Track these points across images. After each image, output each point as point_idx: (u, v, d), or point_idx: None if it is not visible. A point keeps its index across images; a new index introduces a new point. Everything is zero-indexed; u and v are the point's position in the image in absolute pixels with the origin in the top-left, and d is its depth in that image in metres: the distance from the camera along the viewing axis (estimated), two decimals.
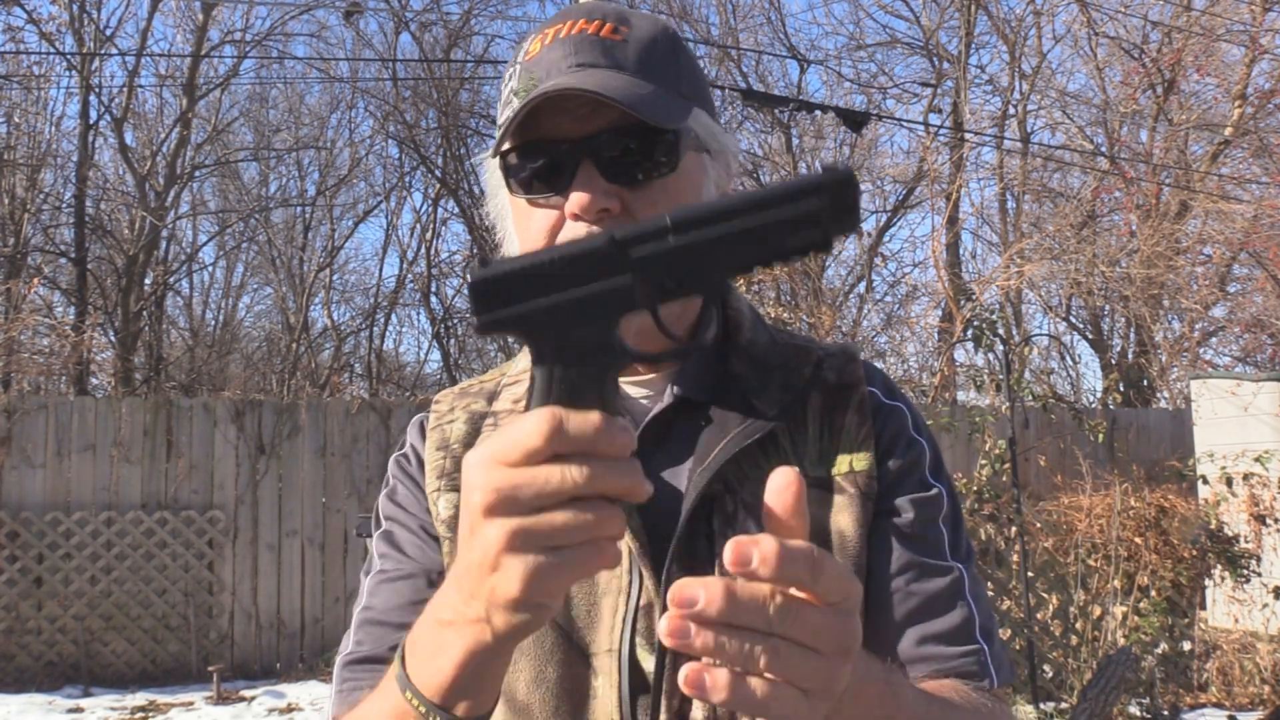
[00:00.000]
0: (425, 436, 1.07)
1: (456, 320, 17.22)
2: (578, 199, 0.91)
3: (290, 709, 7.07)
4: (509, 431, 0.64)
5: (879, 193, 16.09)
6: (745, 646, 0.60)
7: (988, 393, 7.26)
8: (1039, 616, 6.20)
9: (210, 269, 19.17)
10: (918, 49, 16.60)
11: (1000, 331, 6.81)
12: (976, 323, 6.59)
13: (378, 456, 8.47)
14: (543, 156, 0.94)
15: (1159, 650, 5.96)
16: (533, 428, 0.62)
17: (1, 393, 9.97)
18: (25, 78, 13.93)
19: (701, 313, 1.03)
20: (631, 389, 1.02)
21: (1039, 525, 6.58)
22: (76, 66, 13.81)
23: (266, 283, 18.97)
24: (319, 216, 17.70)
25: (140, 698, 7.33)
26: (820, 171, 0.66)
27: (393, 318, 18.43)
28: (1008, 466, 5.96)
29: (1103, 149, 15.88)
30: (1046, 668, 6.13)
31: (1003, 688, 0.98)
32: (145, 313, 14.89)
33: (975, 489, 5.94)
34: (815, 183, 0.65)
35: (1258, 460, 7.06)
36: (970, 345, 7.16)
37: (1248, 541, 7.00)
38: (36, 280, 13.35)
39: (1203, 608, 7.34)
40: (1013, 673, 1.00)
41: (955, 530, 1.00)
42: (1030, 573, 5.96)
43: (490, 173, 1.02)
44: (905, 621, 0.95)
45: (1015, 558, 5.94)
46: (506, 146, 0.95)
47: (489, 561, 0.64)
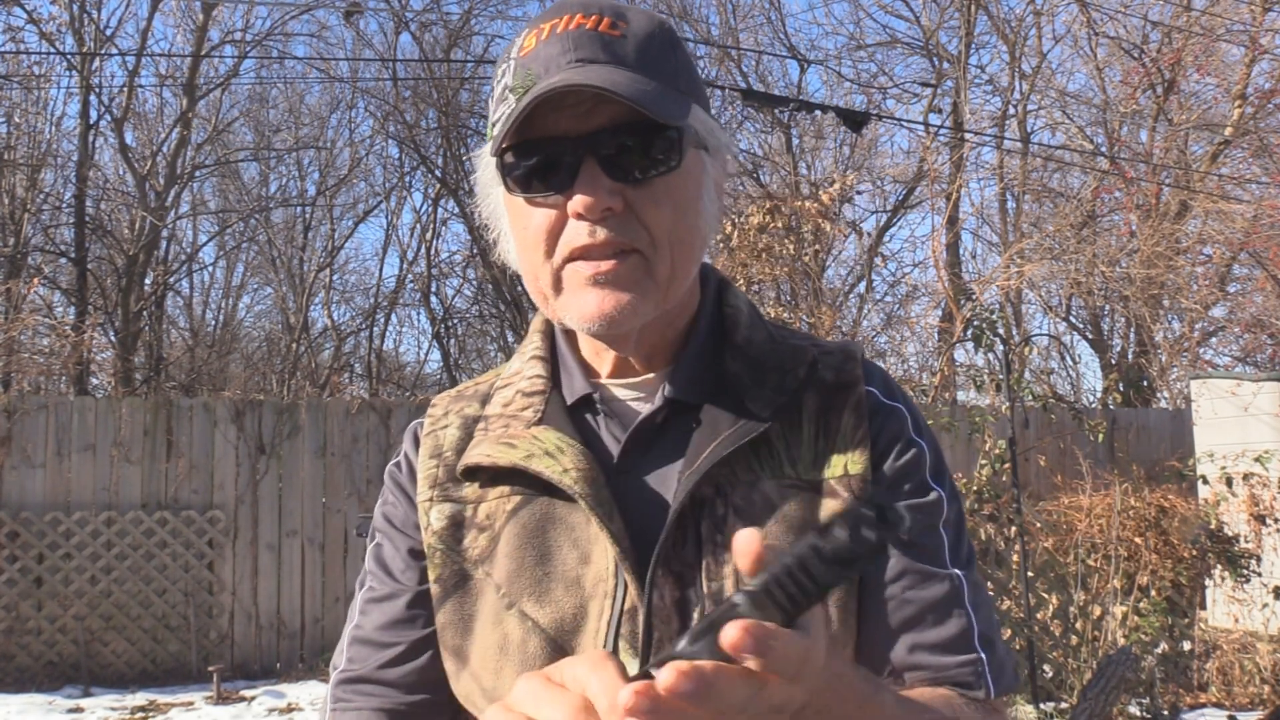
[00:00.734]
0: (419, 444, 1.06)
1: (456, 320, 17.24)
2: (582, 199, 0.89)
3: (290, 709, 7.07)
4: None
5: (879, 193, 16.11)
6: None
7: (988, 393, 7.26)
8: (1039, 616, 6.20)
9: (210, 269, 19.19)
10: (918, 49, 16.60)
11: (1000, 331, 6.80)
12: (976, 323, 6.58)
13: (378, 456, 8.47)
14: (542, 154, 0.91)
15: (1159, 650, 5.95)
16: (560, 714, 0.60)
17: (1, 393, 9.97)
18: (25, 78, 13.92)
19: (694, 319, 1.01)
20: (621, 391, 1.01)
21: (1039, 525, 6.58)
22: (76, 66, 13.81)
23: (266, 283, 19.00)
24: (319, 216, 17.73)
25: (140, 698, 7.33)
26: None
27: (393, 318, 18.46)
28: (1008, 466, 5.95)
29: (1103, 149, 15.88)
30: (1046, 668, 6.13)
31: (1002, 697, 0.96)
32: (145, 313, 14.89)
33: (975, 489, 5.94)
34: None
35: (1258, 460, 7.06)
36: (970, 345, 7.16)
37: (1248, 541, 7.00)
38: (36, 280, 13.35)
39: (1203, 608, 7.34)
40: (1016, 680, 0.98)
41: (957, 535, 0.98)
42: (1030, 573, 5.96)
43: (483, 170, 1.00)
44: (901, 630, 0.93)
45: (1015, 558, 5.94)
46: (504, 145, 0.93)
47: None
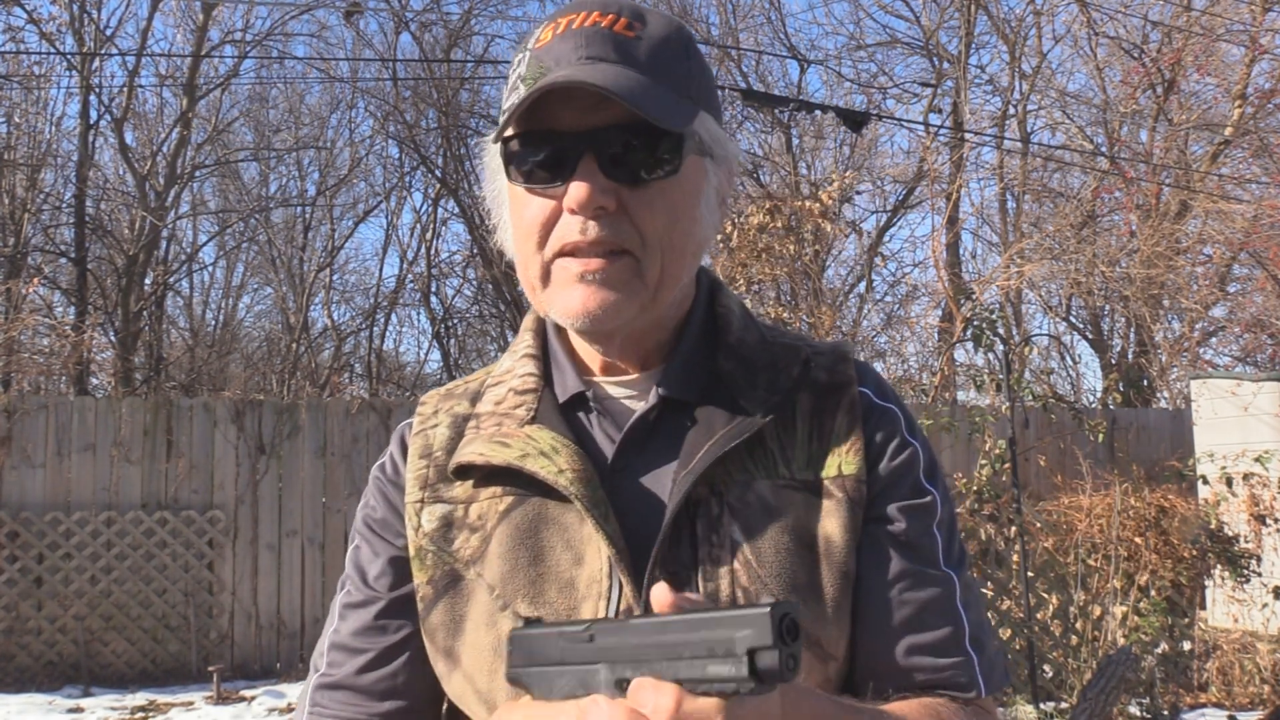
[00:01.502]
0: (406, 446, 1.06)
1: (456, 320, 17.24)
2: (576, 195, 0.89)
3: (290, 709, 7.07)
4: None
5: (879, 193, 16.11)
6: None
7: (988, 393, 7.26)
8: (1039, 616, 6.20)
9: (210, 269, 19.20)
10: (918, 49, 16.60)
11: (1000, 331, 6.80)
12: (976, 323, 6.58)
13: (377, 456, 8.43)
14: (545, 146, 0.92)
15: (1159, 650, 5.95)
16: None
17: (1, 393, 9.97)
18: (25, 78, 13.93)
19: (686, 318, 1.02)
20: (615, 389, 1.00)
21: (1039, 525, 6.57)
22: (76, 66, 13.81)
23: (266, 283, 19.00)
24: (319, 216, 17.73)
25: (140, 698, 7.33)
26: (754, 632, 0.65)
27: (393, 318, 18.47)
28: (1008, 466, 5.95)
29: (1103, 149, 15.88)
30: (1046, 668, 6.13)
31: (993, 695, 0.96)
32: (145, 313, 14.89)
33: (975, 489, 5.94)
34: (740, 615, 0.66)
35: (1258, 460, 7.06)
36: (970, 345, 7.17)
37: (1248, 541, 6.99)
38: (36, 280, 13.35)
39: (1203, 608, 7.34)
40: (1007, 678, 0.99)
41: (949, 536, 0.98)
42: (1030, 573, 5.96)
43: (490, 157, 1.01)
44: (895, 631, 0.93)
45: (1015, 558, 5.94)
46: (510, 133, 0.94)
47: None
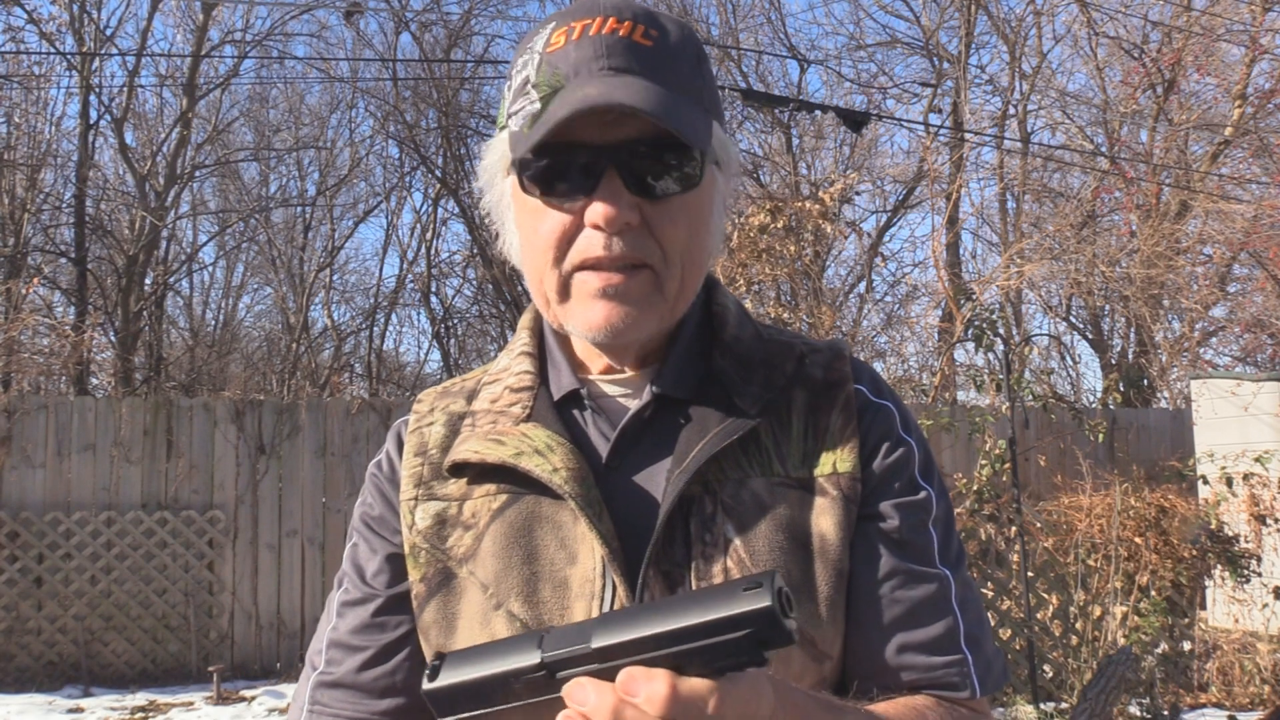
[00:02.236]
0: (403, 443, 1.05)
1: (456, 320, 17.24)
2: (602, 211, 0.88)
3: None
4: None
5: (879, 193, 16.11)
6: None
7: (988, 393, 7.26)
8: (1039, 616, 6.20)
9: (210, 269, 19.21)
10: (918, 49, 16.61)
11: (1000, 331, 6.80)
12: (976, 323, 6.58)
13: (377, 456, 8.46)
14: (564, 159, 0.90)
15: (1159, 650, 5.95)
16: None
17: (1, 393, 9.97)
18: (25, 78, 13.93)
19: (680, 326, 1.01)
20: (609, 387, 1.00)
21: (1039, 525, 6.58)
22: (76, 66, 13.81)
23: (266, 283, 19.00)
24: (319, 216, 17.73)
25: (140, 698, 7.33)
26: (742, 595, 0.67)
27: (393, 318, 18.47)
28: (1008, 466, 5.95)
29: (1103, 149, 15.88)
30: (1046, 668, 6.13)
31: (988, 696, 0.96)
32: (145, 313, 14.88)
33: (975, 489, 5.94)
34: (735, 619, 0.67)
35: (1258, 460, 7.06)
36: (970, 345, 7.16)
37: (1248, 541, 6.99)
38: (36, 280, 13.34)
39: (1203, 608, 7.34)
40: (1005, 677, 0.99)
41: (945, 533, 0.98)
42: (1030, 573, 5.96)
43: (491, 160, 0.99)
44: (889, 629, 0.93)
45: (1015, 558, 5.94)
46: (529, 147, 0.91)
47: None
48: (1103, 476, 6.95)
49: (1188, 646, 6.71)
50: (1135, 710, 5.65)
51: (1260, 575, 6.88)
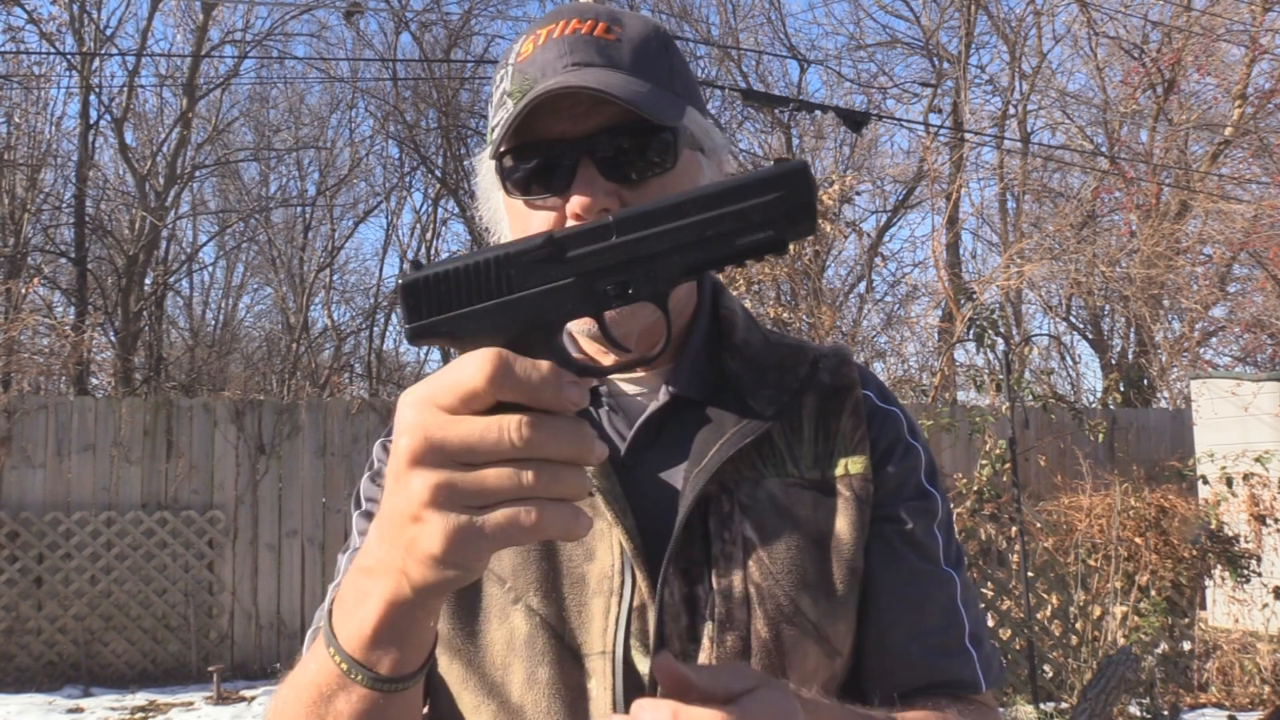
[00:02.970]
0: None
1: None
2: (579, 200, 0.89)
3: None
4: (450, 370, 0.61)
5: (879, 193, 16.11)
6: None
7: (988, 393, 7.26)
8: (1039, 616, 6.20)
9: (210, 269, 19.22)
10: (918, 49, 16.61)
11: (1000, 331, 6.80)
12: (977, 322, 6.58)
13: None
14: (540, 157, 0.92)
15: (1159, 650, 5.95)
16: (475, 368, 0.59)
17: (1, 393, 9.97)
18: (25, 78, 13.92)
19: (692, 319, 1.02)
20: (626, 386, 1.02)
21: (1039, 525, 6.57)
22: (76, 66, 13.81)
23: (266, 283, 19.00)
24: (319, 216, 17.75)
25: (140, 698, 7.33)
26: (773, 165, 0.63)
27: (393, 318, 18.43)
28: (1008, 466, 5.95)
29: (1103, 149, 15.88)
30: (1046, 668, 6.13)
31: (993, 690, 0.98)
32: (145, 313, 14.88)
33: (975, 489, 5.93)
34: (766, 176, 0.62)
35: (1258, 460, 7.06)
36: (970, 345, 7.16)
37: (1248, 541, 6.99)
38: (36, 280, 13.34)
39: (1203, 608, 7.33)
40: (1003, 675, 1.01)
41: (948, 536, 1.00)
42: (1030, 573, 5.96)
43: (484, 175, 1.01)
44: (902, 627, 0.95)
45: (1015, 558, 5.94)
46: (503, 148, 0.94)
47: (411, 512, 0.61)
48: (1103, 476, 6.95)
49: (1188, 646, 6.71)
50: (1135, 710, 5.65)
51: (1260, 575, 6.88)
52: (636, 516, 0.92)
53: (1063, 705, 5.62)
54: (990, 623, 5.99)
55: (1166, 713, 5.74)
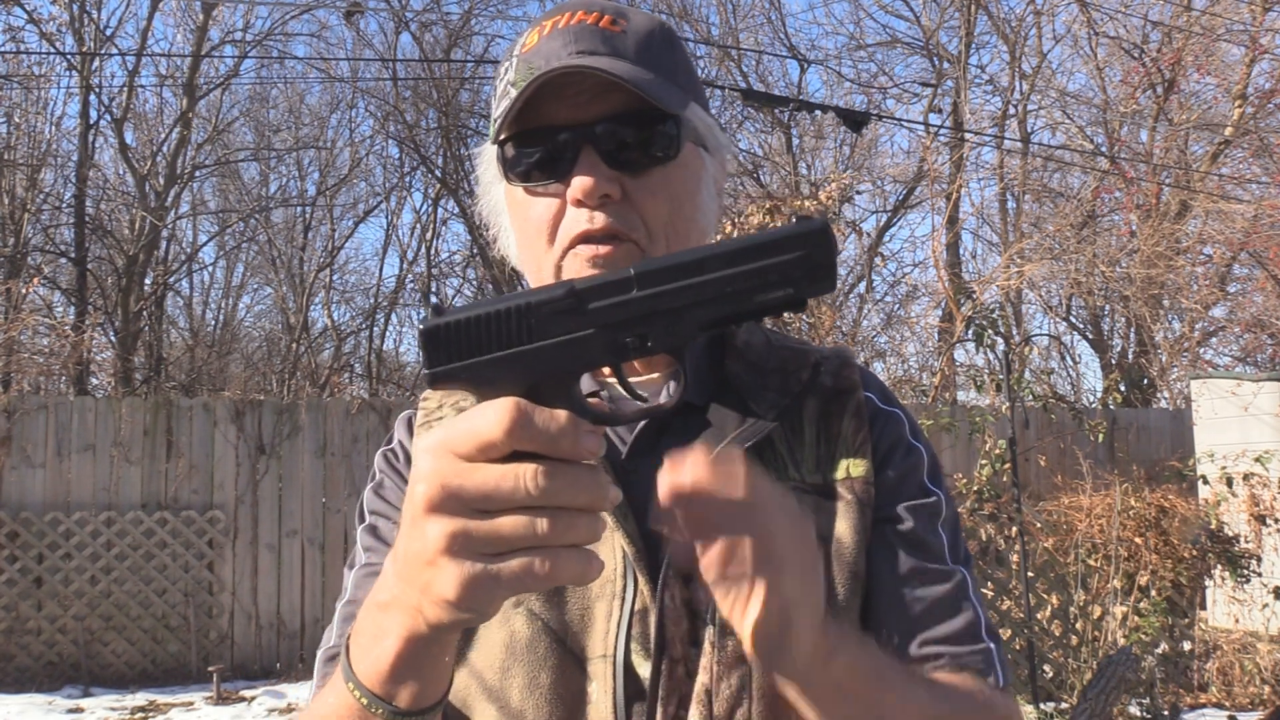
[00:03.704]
0: (413, 433, 1.06)
1: None
2: (580, 184, 0.89)
3: (290, 709, 7.06)
4: (468, 418, 0.62)
5: (879, 193, 16.11)
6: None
7: (988, 393, 7.25)
8: (1039, 616, 6.20)
9: (210, 269, 19.22)
10: (918, 49, 16.60)
11: (1000, 331, 6.80)
12: (977, 322, 6.58)
13: None
14: (542, 144, 0.92)
15: (1159, 650, 5.95)
16: (493, 418, 0.60)
17: (1, 393, 9.97)
18: (25, 78, 13.92)
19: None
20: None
21: (1039, 525, 6.57)
22: (76, 66, 13.81)
23: (266, 283, 19.00)
24: (319, 216, 17.74)
25: (140, 698, 7.33)
26: (794, 223, 0.64)
27: (393, 318, 18.45)
28: (1008, 466, 5.95)
29: (1103, 149, 15.88)
30: (1046, 668, 6.13)
31: (1010, 686, 0.97)
32: (145, 313, 14.88)
33: (975, 489, 5.93)
34: (787, 235, 0.63)
35: (1258, 460, 7.06)
36: (970, 345, 7.16)
37: (1248, 541, 6.99)
38: (36, 280, 13.34)
39: (1203, 608, 7.34)
40: (1011, 674, 1.00)
41: (954, 534, 0.99)
42: (1030, 573, 5.96)
43: (484, 166, 1.01)
44: (911, 626, 0.94)
45: (1015, 558, 5.94)
46: (504, 136, 0.94)
47: (426, 558, 0.62)
48: (1103, 476, 6.95)
49: (1188, 646, 6.71)
50: (1135, 710, 5.65)
51: (1260, 575, 6.88)
52: (637, 520, 0.92)
53: (1063, 705, 5.62)
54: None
55: (1166, 713, 5.74)
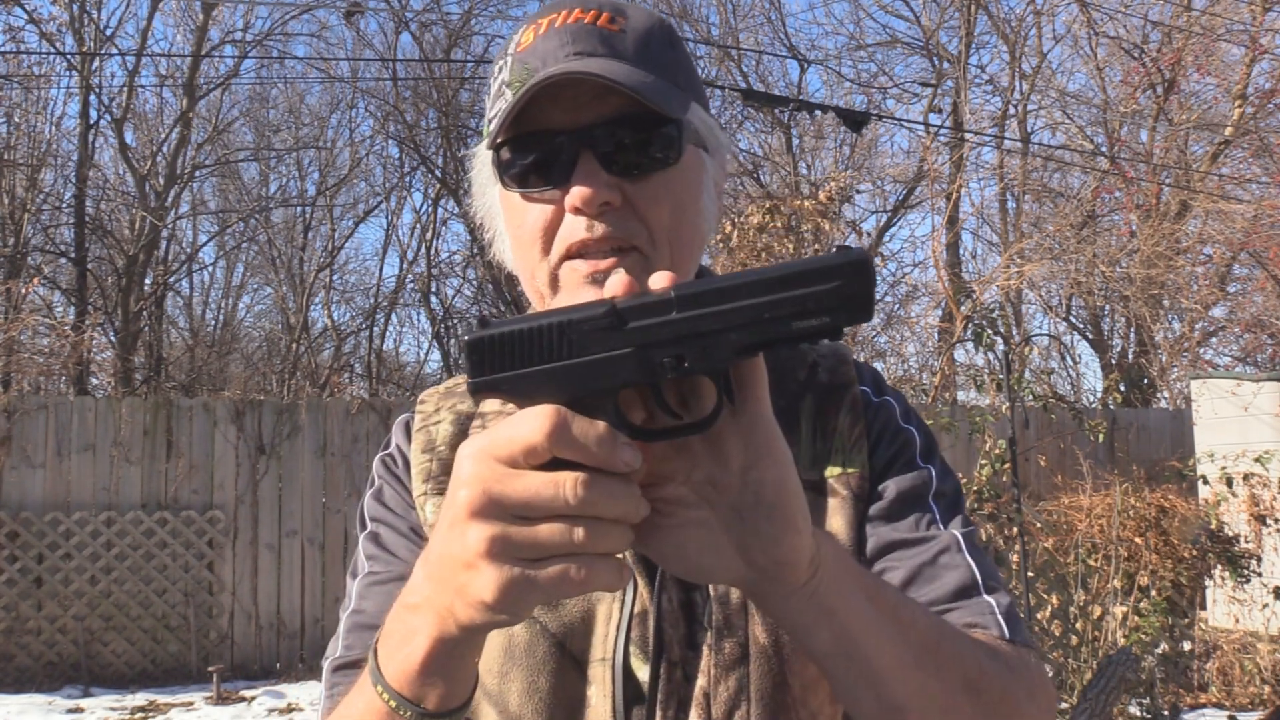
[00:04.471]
0: (410, 437, 1.05)
1: (456, 320, 17.23)
2: (580, 193, 0.86)
3: (290, 709, 7.07)
4: (510, 425, 0.63)
5: (879, 193, 16.11)
6: None
7: (988, 393, 7.25)
8: (1039, 616, 6.20)
9: (210, 269, 19.21)
10: (918, 49, 16.61)
11: (1000, 331, 6.80)
12: (977, 321, 6.58)
13: None
14: (539, 148, 0.89)
15: (1159, 650, 5.95)
16: (536, 425, 0.62)
17: (1, 393, 9.96)
18: (25, 78, 13.92)
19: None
20: None
21: (1039, 525, 6.57)
22: (76, 66, 13.81)
23: (266, 283, 19.01)
24: (319, 216, 17.75)
25: (140, 698, 7.33)
26: (835, 253, 0.65)
27: (393, 318, 18.47)
28: (1008, 466, 5.95)
29: (1103, 149, 15.88)
30: (1046, 668, 6.12)
31: (1019, 644, 0.91)
32: (145, 313, 14.88)
33: (975, 489, 5.93)
34: (828, 266, 0.64)
35: (1258, 460, 7.06)
36: (970, 345, 7.16)
37: (1248, 541, 6.99)
38: (36, 280, 13.34)
39: (1203, 608, 7.34)
40: (1029, 636, 0.94)
41: (950, 507, 0.97)
42: (1030, 573, 5.96)
43: (479, 168, 0.99)
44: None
45: (1015, 558, 5.93)
46: (500, 139, 0.90)
47: (465, 560, 0.63)
48: (1103, 476, 6.95)
49: (1188, 646, 6.71)
50: (1135, 710, 5.65)
51: (1260, 575, 6.88)
52: None
53: (1063, 705, 5.62)
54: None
55: (1166, 713, 5.74)
